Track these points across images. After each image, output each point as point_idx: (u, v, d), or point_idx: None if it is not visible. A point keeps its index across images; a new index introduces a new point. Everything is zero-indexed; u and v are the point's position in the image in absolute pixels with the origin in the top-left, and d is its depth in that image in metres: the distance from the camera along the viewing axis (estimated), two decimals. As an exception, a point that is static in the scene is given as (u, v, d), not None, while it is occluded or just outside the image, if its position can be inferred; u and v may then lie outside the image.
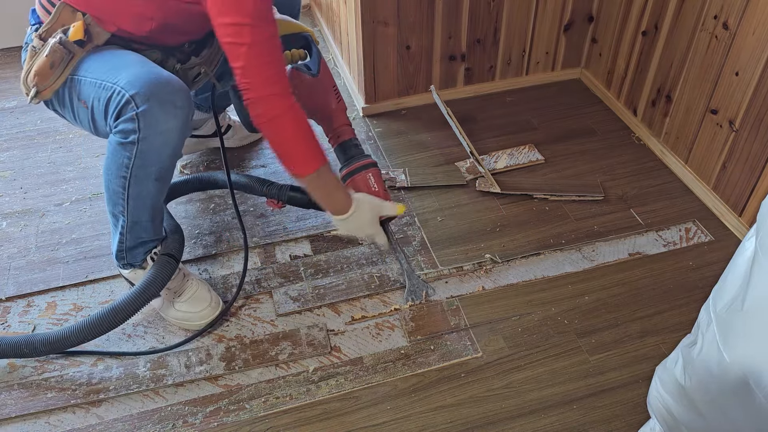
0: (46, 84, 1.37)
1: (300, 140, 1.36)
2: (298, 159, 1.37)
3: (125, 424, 1.34)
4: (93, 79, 1.35)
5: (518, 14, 2.09)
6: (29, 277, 1.64)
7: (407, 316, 1.53)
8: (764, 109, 1.56)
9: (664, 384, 1.09)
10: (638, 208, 1.81)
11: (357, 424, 1.34)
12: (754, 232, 0.96)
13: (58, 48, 1.34)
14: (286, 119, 1.32)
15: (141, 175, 1.35)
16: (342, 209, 1.45)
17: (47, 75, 1.36)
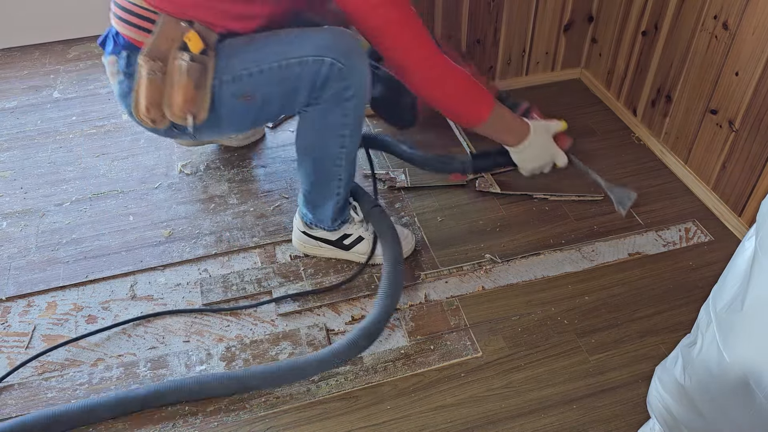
0: (199, 106, 1.34)
1: (472, 83, 1.44)
2: (477, 101, 1.45)
3: (125, 424, 1.34)
4: (255, 68, 1.33)
5: (518, 14, 2.09)
6: (29, 277, 1.64)
7: (407, 315, 1.53)
8: (764, 109, 1.56)
9: (664, 384, 1.10)
10: (638, 208, 1.81)
11: (357, 424, 1.34)
12: (753, 232, 0.96)
13: (193, 66, 1.30)
14: (455, 69, 1.40)
15: (357, 126, 1.43)
16: (524, 134, 1.51)
17: (195, 97, 1.33)
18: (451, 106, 1.46)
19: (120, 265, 1.67)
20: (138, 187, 1.90)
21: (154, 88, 1.33)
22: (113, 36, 1.39)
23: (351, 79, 1.36)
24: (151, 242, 1.73)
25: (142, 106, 1.36)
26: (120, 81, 1.39)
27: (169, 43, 1.32)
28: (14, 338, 1.50)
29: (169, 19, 1.31)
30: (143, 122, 1.39)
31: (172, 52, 1.32)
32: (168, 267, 1.67)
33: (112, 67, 1.40)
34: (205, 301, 1.57)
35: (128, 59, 1.36)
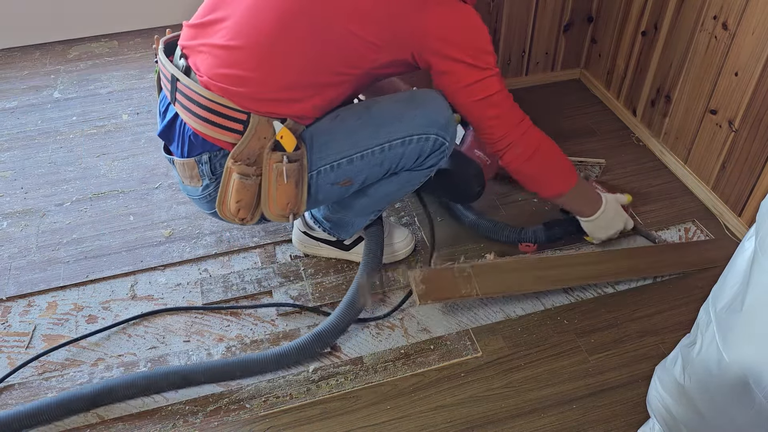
0: (299, 202, 1.32)
1: (562, 157, 1.47)
2: (563, 176, 1.49)
3: (126, 424, 1.34)
4: (356, 154, 1.33)
5: (518, 14, 2.10)
6: (30, 277, 1.64)
7: (417, 277, 1.49)
8: (764, 109, 1.57)
9: (664, 384, 1.10)
10: (638, 208, 1.81)
11: (357, 424, 1.34)
12: (753, 232, 0.96)
13: (292, 167, 1.26)
14: (547, 143, 1.45)
15: None
16: (597, 206, 1.56)
17: (296, 194, 1.30)
18: (538, 178, 1.48)
19: (120, 265, 1.67)
20: (138, 187, 1.90)
21: (246, 191, 1.28)
22: (190, 136, 1.30)
23: (447, 150, 1.41)
24: (152, 242, 1.73)
25: (231, 208, 1.31)
26: (205, 186, 1.33)
27: (260, 142, 1.25)
28: (14, 338, 1.50)
29: (262, 119, 1.24)
30: (230, 221, 1.36)
31: (266, 153, 1.26)
32: (168, 267, 1.67)
33: (190, 170, 1.33)
34: (206, 300, 1.58)
35: (211, 162, 1.30)
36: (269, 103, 1.25)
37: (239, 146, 1.25)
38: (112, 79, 2.37)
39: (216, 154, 1.29)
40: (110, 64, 2.45)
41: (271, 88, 1.25)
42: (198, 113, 1.25)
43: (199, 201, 1.39)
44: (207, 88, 1.24)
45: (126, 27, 2.63)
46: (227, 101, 1.23)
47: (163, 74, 1.33)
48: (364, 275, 1.51)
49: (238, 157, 1.25)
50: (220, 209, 1.33)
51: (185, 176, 1.35)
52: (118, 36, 2.62)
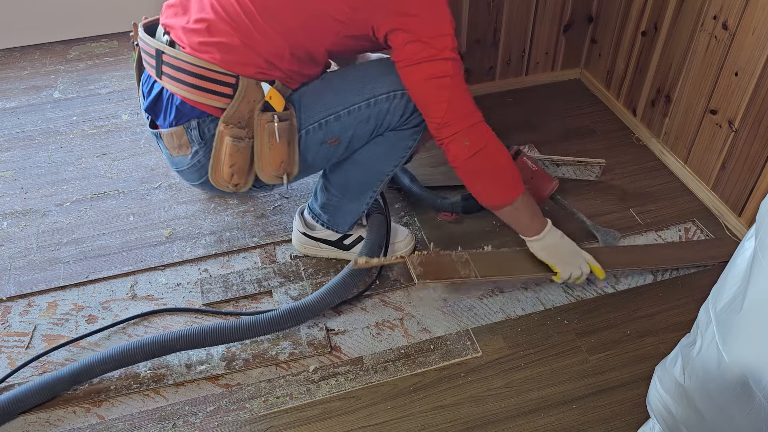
0: (292, 162, 1.34)
1: (509, 164, 1.41)
2: (509, 184, 1.41)
3: (126, 424, 1.34)
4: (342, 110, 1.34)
5: (518, 14, 2.10)
6: (30, 277, 1.64)
7: (415, 260, 1.48)
8: (764, 109, 1.57)
9: (664, 384, 1.10)
10: (638, 208, 1.81)
11: (357, 424, 1.34)
12: (753, 232, 0.96)
13: (283, 125, 1.29)
14: (494, 144, 1.39)
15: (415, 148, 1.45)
16: (541, 227, 1.47)
17: (288, 153, 1.32)
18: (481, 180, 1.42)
19: (120, 265, 1.67)
20: (138, 187, 1.90)
21: (239, 154, 1.30)
22: (177, 105, 1.31)
23: None
24: (152, 242, 1.73)
25: (225, 174, 1.32)
26: (194, 152, 1.35)
27: (250, 105, 1.28)
28: (15, 338, 1.50)
29: (251, 82, 1.27)
30: (223, 188, 1.36)
31: (256, 114, 1.28)
32: (168, 267, 1.67)
33: (178, 138, 1.34)
34: (206, 300, 1.58)
35: (200, 128, 1.32)
36: (256, 67, 1.28)
37: (230, 109, 1.27)
38: (112, 79, 2.37)
39: (204, 120, 1.31)
40: (110, 64, 2.45)
41: (256, 53, 1.27)
42: (186, 80, 1.28)
43: (189, 171, 1.40)
44: (194, 55, 1.27)
45: (126, 27, 2.62)
46: (215, 66, 1.26)
47: (146, 52, 1.36)
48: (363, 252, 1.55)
49: (230, 121, 1.28)
50: (212, 176, 1.34)
51: (173, 146, 1.37)
52: (118, 36, 2.62)
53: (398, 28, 1.27)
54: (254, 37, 1.27)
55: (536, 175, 1.70)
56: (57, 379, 1.35)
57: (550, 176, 1.71)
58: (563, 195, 1.84)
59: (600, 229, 1.70)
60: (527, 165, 1.71)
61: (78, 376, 1.36)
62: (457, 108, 1.33)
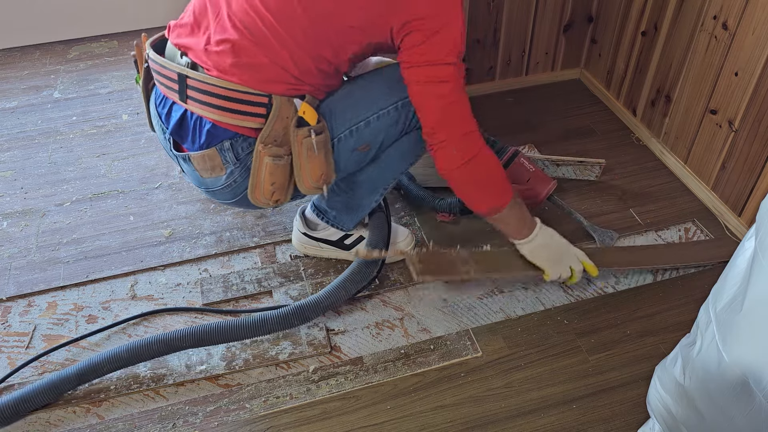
0: (331, 174, 1.36)
1: (498, 173, 1.39)
2: (495, 193, 1.40)
3: (126, 424, 1.34)
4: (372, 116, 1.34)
5: (518, 14, 2.10)
6: (30, 277, 1.64)
7: (414, 258, 1.47)
8: (764, 109, 1.57)
9: (664, 384, 1.10)
10: (638, 208, 1.81)
11: (357, 424, 1.34)
12: (753, 232, 0.96)
13: (320, 138, 1.29)
14: (483, 155, 1.36)
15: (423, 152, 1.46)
16: (529, 231, 1.46)
17: (327, 164, 1.33)
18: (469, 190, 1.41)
19: (120, 265, 1.67)
20: (138, 187, 1.90)
21: (279, 172, 1.30)
22: (209, 129, 1.30)
23: None
24: (152, 242, 1.73)
25: (266, 192, 1.32)
26: (230, 173, 1.34)
27: (284, 122, 1.28)
28: (15, 338, 1.50)
29: (284, 99, 1.27)
30: (263, 206, 1.37)
31: (291, 131, 1.28)
32: (168, 267, 1.67)
33: (210, 161, 1.33)
34: (206, 300, 1.58)
35: (233, 149, 1.31)
36: (286, 84, 1.27)
37: (266, 129, 1.27)
38: (112, 79, 2.37)
39: (237, 140, 1.30)
40: (110, 64, 2.45)
41: (284, 70, 1.27)
42: (216, 104, 1.26)
43: (222, 191, 1.39)
44: (221, 78, 1.26)
45: (126, 27, 2.63)
46: (246, 87, 1.25)
47: (162, 75, 1.33)
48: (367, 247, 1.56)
49: (267, 140, 1.28)
50: (252, 195, 1.34)
51: (205, 169, 1.35)
52: (118, 36, 2.62)
53: (415, 29, 1.26)
54: (280, 54, 1.25)
55: (534, 176, 1.70)
56: (63, 379, 1.34)
57: (547, 177, 1.71)
58: (563, 195, 1.84)
59: (597, 229, 1.70)
60: (525, 166, 1.71)
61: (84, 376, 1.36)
62: (451, 116, 1.32)
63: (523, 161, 1.71)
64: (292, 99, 1.28)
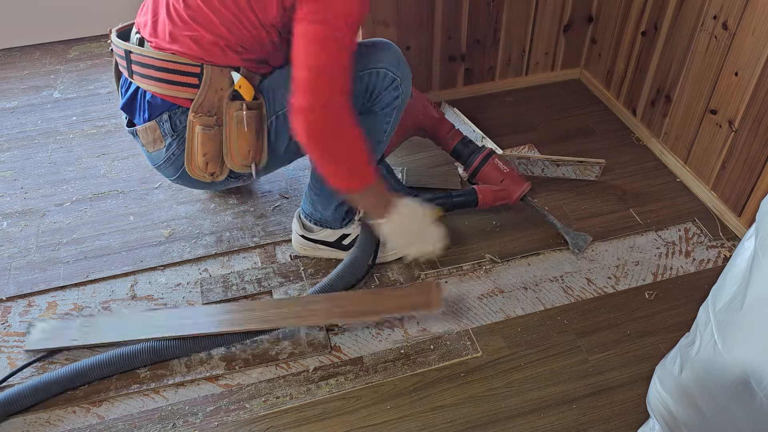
0: (261, 151, 1.36)
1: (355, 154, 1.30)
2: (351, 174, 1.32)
3: (126, 424, 1.34)
4: None
5: (518, 15, 2.10)
6: (30, 277, 1.64)
7: None
8: (764, 109, 1.57)
9: (664, 383, 1.10)
10: (638, 208, 1.81)
11: (357, 424, 1.34)
12: (753, 232, 0.96)
13: (251, 114, 1.30)
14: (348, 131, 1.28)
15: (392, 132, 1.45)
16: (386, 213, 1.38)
17: (257, 143, 1.34)
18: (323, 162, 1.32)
19: (120, 265, 1.67)
20: (138, 187, 1.90)
21: (210, 142, 1.32)
22: (149, 100, 1.34)
23: (402, 87, 1.39)
24: (152, 242, 1.73)
25: (200, 162, 1.34)
26: (168, 145, 1.36)
27: (218, 93, 1.30)
28: (15, 338, 1.50)
29: (215, 69, 1.29)
30: (201, 178, 1.37)
31: (225, 103, 1.30)
32: (168, 267, 1.67)
33: (152, 133, 1.36)
34: (206, 300, 1.58)
35: (171, 120, 1.34)
36: (220, 54, 1.30)
37: (197, 98, 1.30)
38: (112, 79, 2.36)
39: (175, 112, 1.34)
40: (110, 63, 2.44)
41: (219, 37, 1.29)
42: (154, 75, 1.32)
43: (165, 165, 1.42)
44: (159, 50, 1.31)
45: (126, 27, 2.63)
46: (179, 57, 1.29)
47: (118, 55, 1.40)
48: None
49: (199, 110, 1.31)
50: (188, 167, 1.37)
51: (148, 142, 1.40)
52: (118, 36, 2.62)
53: None
54: (214, 23, 1.28)
55: (507, 176, 1.70)
56: (52, 382, 1.35)
57: (521, 178, 1.72)
58: (563, 195, 1.85)
59: (570, 232, 1.69)
60: (498, 166, 1.71)
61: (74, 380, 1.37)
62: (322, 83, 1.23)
63: (497, 162, 1.72)
64: (225, 70, 1.30)
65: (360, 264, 1.56)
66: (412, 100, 1.77)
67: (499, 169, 1.72)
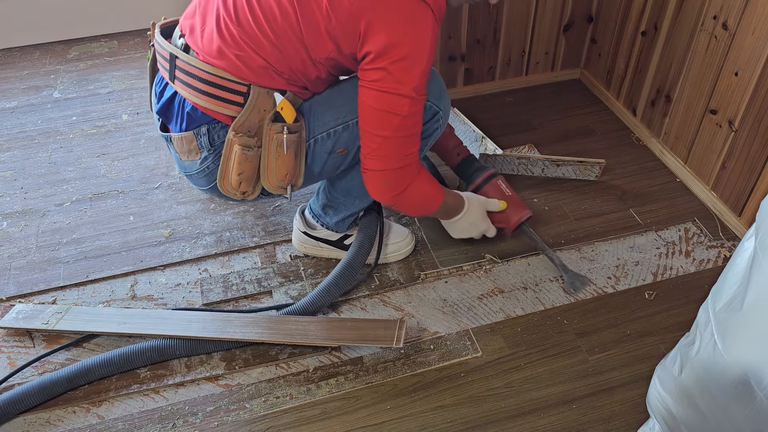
0: (298, 176, 1.36)
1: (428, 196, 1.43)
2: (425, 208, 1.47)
3: (126, 424, 1.34)
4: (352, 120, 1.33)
5: (518, 15, 2.10)
6: (30, 277, 1.64)
7: None
8: (764, 109, 1.57)
9: (664, 383, 1.10)
10: (637, 208, 1.81)
11: (357, 424, 1.34)
12: (753, 232, 0.96)
13: (292, 138, 1.30)
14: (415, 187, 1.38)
15: None
16: (458, 212, 1.56)
17: (294, 165, 1.34)
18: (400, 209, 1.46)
19: (120, 265, 1.67)
20: (138, 187, 1.90)
21: (248, 163, 1.31)
22: (189, 111, 1.32)
23: (442, 120, 1.41)
24: (152, 242, 1.73)
25: (233, 181, 1.33)
26: (204, 158, 1.35)
27: (260, 114, 1.28)
28: (15, 338, 1.50)
29: (262, 91, 1.27)
30: (232, 196, 1.37)
31: (266, 124, 1.29)
32: (168, 267, 1.67)
33: (188, 144, 1.35)
34: (206, 300, 1.58)
35: (209, 134, 1.33)
36: (267, 77, 1.28)
37: (240, 117, 1.28)
38: (112, 79, 2.37)
39: (214, 126, 1.32)
40: (110, 64, 2.45)
41: (268, 64, 1.27)
42: (198, 87, 1.28)
43: (197, 176, 1.41)
44: (207, 63, 1.27)
45: (126, 27, 2.63)
46: (227, 74, 1.26)
47: (160, 55, 1.36)
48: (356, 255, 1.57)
49: (240, 129, 1.28)
50: (221, 183, 1.35)
51: (183, 151, 1.37)
52: (118, 36, 2.62)
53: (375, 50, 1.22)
54: (265, 48, 1.26)
55: (508, 200, 1.64)
56: (54, 382, 1.35)
57: (524, 205, 1.64)
58: (563, 195, 1.85)
59: (569, 271, 1.61)
60: (500, 188, 1.66)
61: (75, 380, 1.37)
62: (392, 149, 1.31)
63: (500, 183, 1.66)
64: (271, 92, 1.28)
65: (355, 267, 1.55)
66: None
67: (501, 191, 1.66)
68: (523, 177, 1.91)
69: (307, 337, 1.44)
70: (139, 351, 1.41)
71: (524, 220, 1.64)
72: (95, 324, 1.48)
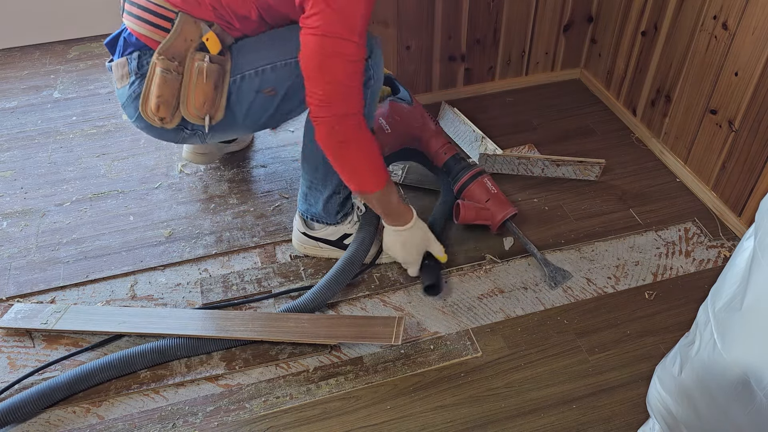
0: (216, 106, 1.38)
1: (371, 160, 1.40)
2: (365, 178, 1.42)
3: (126, 424, 1.34)
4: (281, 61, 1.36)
5: (518, 15, 2.10)
6: (30, 277, 1.64)
7: None
8: (764, 109, 1.57)
9: (664, 383, 1.10)
10: (637, 208, 1.81)
11: (357, 424, 1.34)
12: (752, 232, 0.96)
13: (212, 67, 1.33)
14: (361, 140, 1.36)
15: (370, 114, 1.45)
16: (401, 220, 1.50)
17: (214, 97, 1.37)
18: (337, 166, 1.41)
19: (120, 265, 1.67)
20: (138, 187, 1.90)
21: (167, 86, 1.35)
22: (125, 37, 1.39)
23: (374, 68, 1.40)
24: (152, 242, 1.73)
25: (152, 103, 1.37)
26: (131, 82, 1.39)
27: (186, 43, 1.34)
28: (15, 338, 1.50)
29: (189, 19, 1.33)
30: (151, 121, 1.40)
31: (190, 52, 1.34)
32: (168, 267, 1.67)
33: (122, 69, 1.40)
34: (205, 300, 1.58)
35: (140, 60, 1.38)
36: (194, 4, 1.33)
37: (165, 42, 1.34)
38: (113, 78, 2.37)
39: (145, 53, 1.37)
40: (110, 64, 2.45)
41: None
42: (135, 13, 1.36)
43: (127, 103, 1.44)
44: None
45: (126, 27, 2.63)
46: (162, 1, 1.33)
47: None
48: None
49: (164, 53, 1.34)
50: (142, 108, 1.40)
51: (118, 77, 1.43)
52: (118, 36, 2.62)
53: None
54: None
55: (493, 197, 1.65)
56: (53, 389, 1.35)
57: (508, 203, 1.66)
58: (563, 195, 1.85)
59: (549, 264, 1.62)
60: (486, 186, 1.67)
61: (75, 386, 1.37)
62: (337, 96, 1.30)
63: (486, 181, 1.67)
64: (198, 22, 1.34)
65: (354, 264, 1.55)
66: (410, 109, 1.76)
67: (486, 188, 1.67)
68: (523, 177, 1.91)
69: (305, 334, 1.44)
70: (139, 354, 1.40)
71: (509, 218, 1.66)
72: (94, 323, 1.48)
